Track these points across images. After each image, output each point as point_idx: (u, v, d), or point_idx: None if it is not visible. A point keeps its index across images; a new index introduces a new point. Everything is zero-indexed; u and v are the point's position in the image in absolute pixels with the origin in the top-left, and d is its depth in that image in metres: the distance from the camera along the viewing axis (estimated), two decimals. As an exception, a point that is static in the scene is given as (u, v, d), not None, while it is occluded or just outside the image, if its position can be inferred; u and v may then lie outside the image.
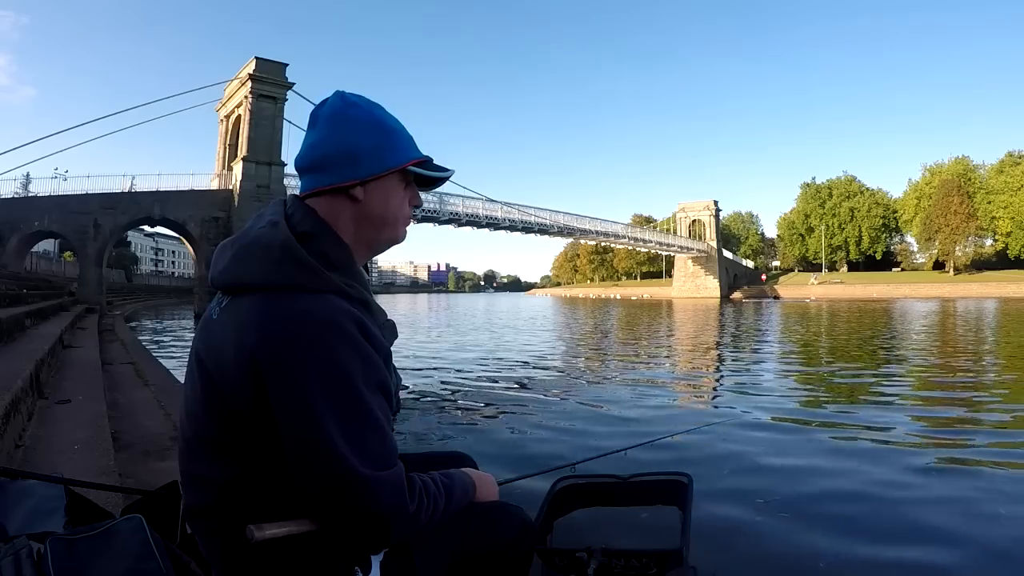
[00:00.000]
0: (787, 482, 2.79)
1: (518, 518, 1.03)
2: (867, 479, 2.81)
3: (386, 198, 0.92)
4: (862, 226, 76.91)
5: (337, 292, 0.83)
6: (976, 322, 16.36)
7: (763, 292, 66.74)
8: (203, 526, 0.86)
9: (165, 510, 1.11)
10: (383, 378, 0.83)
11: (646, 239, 62.63)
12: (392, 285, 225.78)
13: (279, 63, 30.56)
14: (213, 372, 0.81)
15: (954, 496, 2.59)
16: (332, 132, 0.89)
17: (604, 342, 11.73)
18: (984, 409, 4.58)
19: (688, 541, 1.18)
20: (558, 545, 1.21)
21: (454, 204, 39.00)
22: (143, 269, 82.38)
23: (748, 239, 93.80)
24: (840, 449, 3.41)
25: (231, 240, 0.90)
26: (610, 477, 1.48)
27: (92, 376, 4.42)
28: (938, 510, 2.42)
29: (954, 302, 36.69)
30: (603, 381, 6.34)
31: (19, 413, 2.52)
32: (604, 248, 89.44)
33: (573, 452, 3.31)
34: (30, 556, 0.80)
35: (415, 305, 40.99)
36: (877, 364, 7.48)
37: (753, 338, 12.27)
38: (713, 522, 2.24)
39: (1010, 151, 66.14)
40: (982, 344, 10.14)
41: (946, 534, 2.18)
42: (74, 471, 1.84)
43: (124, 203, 26.63)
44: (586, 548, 1.09)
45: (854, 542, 2.12)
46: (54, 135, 32.66)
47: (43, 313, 8.22)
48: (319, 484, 0.76)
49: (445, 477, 0.95)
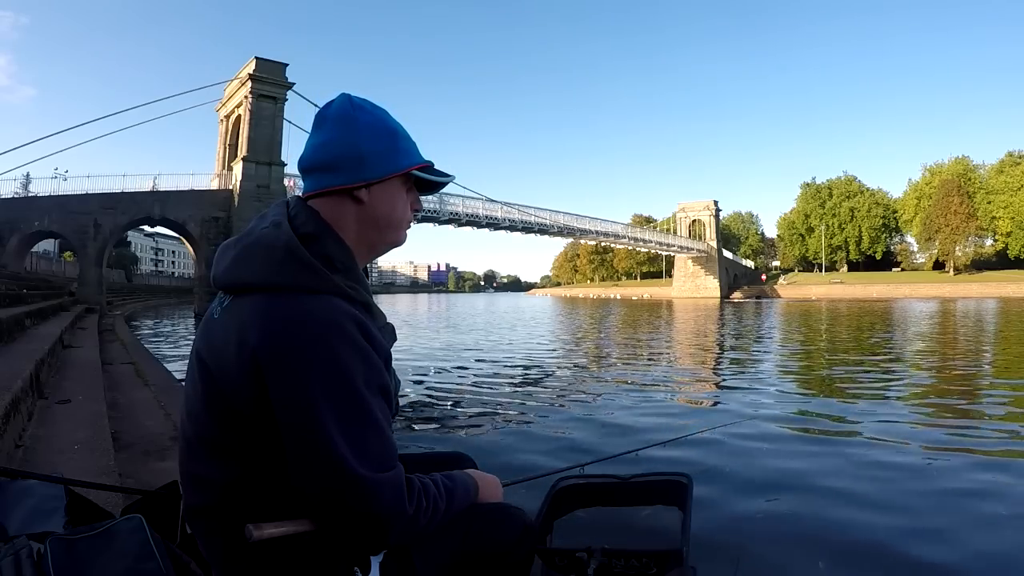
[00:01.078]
0: (788, 482, 2.79)
1: (519, 520, 1.02)
2: (869, 479, 2.81)
3: (390, 201, 0.93)
4: (862, 226, 76.93)
5: (339, 294, 0.83)
6: (976, 322, 16.36)
7: (763, 292, 66.77)
8: (203, 526, 0.86)
9: (165, 510, 1.11)
10: (384, 380, 0.83)
11: (646, 239, 62.63)
12: (392, 285, 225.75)
13: (279, 63, 30.57)
14: (214, 372, 0.81)
15: (956, 496, 2.59)
16: (339, 134, 0.90)
17: (605, 342, 11.74)
18: (986, 409, 4.58)
19: (688, 541, 1.18)
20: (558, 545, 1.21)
21: (454, 204, 39.01)
22: (143, 269, 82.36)
23: (748, 239, 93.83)
24: (841, 449, 3.40)
25: (233, 240, 0.90)
26: (610, 477, 1.48)
27: (92, 376, 4.42)
28: (940, 511, 2.42)
29: (954, 302, 36.69)
30: (604, 381, 6.34)
31: (19, 413, 2.52)
32: (604, 248, 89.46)
33: (575, 453, 3.31)
34: (30, 556, 0.80)
35: (415, 305, 40.98)
36: (879, 364, 7.48)
37: (754, 338, 12.27)
38: (713, 522, 2.24)
39: (1010, 151, 66.34)
40: (983, 344, 10.14)
41: (948, 535, 2.17)
42: (74, 471, 1.84)
43: (124, 203, 26.63)
44: (586, 548, 1.09)
45: (855, 542, 2.12)
46: (54, 135, 32.77)
47: (43, 313, 8.22)
48: (319, 484, 0.76)
49: (447, 479, 0.95)
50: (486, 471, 1.10)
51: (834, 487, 2.72)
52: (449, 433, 4.01)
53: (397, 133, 0.93)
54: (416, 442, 3.72)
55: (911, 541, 2.12)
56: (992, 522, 2.30)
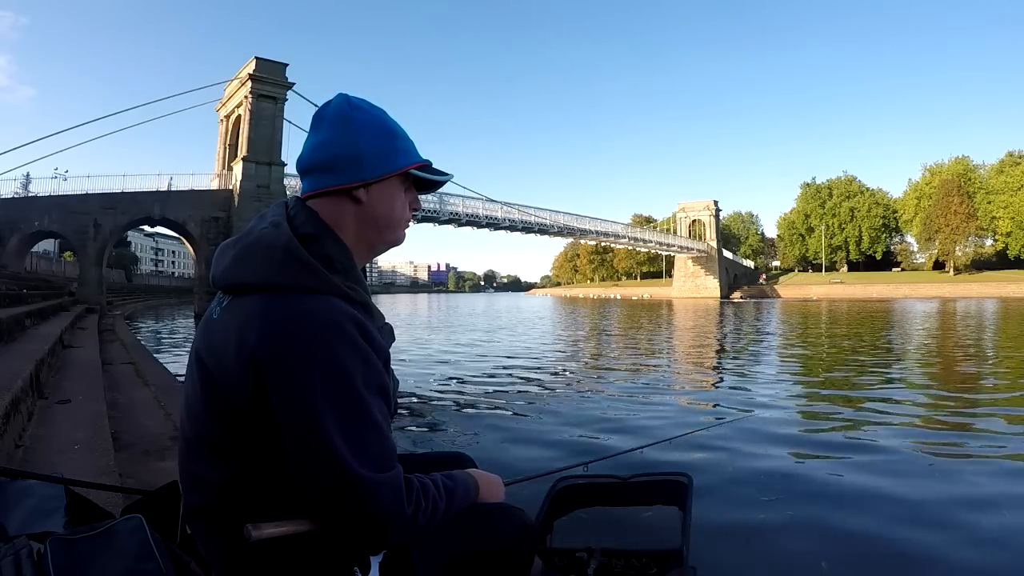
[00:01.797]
0: (788, 482, 2.79)
1: (520, 520, 1.02)
2: (870, 479, 2.81)
3: (388, 201, 0.93)
4: (862, 226, 76.91)
5: (339, 294, 0.83)
6: (977, 322, 16.36)
7: (763, 292, 66.77)
8: (203, 526, 0.86)
9: (165, 510, 1.11)
10: (383, 380, 0.83)
11: (646, 239, 62.64)
12: (392, 285, 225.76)
13: (279, 63, 30.55)
14: (214, 372, 0.81)
15: (958, 496, 2.59)
16: (337, 134, 0.90)
17: (606, 342, 11.74)
18: (988, 410, 4.58)
19: (688, 541, 1.18)
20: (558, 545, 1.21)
21: (454, 204, 39.01)
22: (143, 269, 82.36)
23: (748, 239, 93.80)
24: (843, 450, 3.40)
25: (233, 240, 0.90)
26: (610, 477, 1.48)
27: (92, 376, 4.42)
28: (942, 510, 2.42)
29: (954, 302, 36.69)
30: (605, 381, 6.34)
31: (19, 413, 2.52)
32: (604, 248, 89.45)
33: (577, 453, 3.31)
34: (30, 556, 0.80)
35: (415, 305, 40.98)
36: (880, 364, 7.48)
37: (754, 339, 12.27)
38: (714, 522, 2.24)
39: (1010, 151, 66.26)
40: (983, 344, 10.14)
41: (949, 534, 2.17)
42: (74, 471, 1.84)
43: (124, 203, 26.62)
44: (586, 548, 1.09)
45: (856, 542, 2.12)
46: (54, 135, 32.77)
47: (43, 313, 8.22)
48: (318, 484, 0.76)
49: (448, 478, 0.95)
50: (487, 471, 1.10)
51: (834, 487, 2.72)
52: (449, 433, 4.01)
53: (395, 133, 0.93)
54: (416, 442, 3.72)
55: (912, 541, 2.12)
56: (993, 522, 2.30)
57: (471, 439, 3.81)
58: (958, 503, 2.50)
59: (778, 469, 2.99)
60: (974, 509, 2.42)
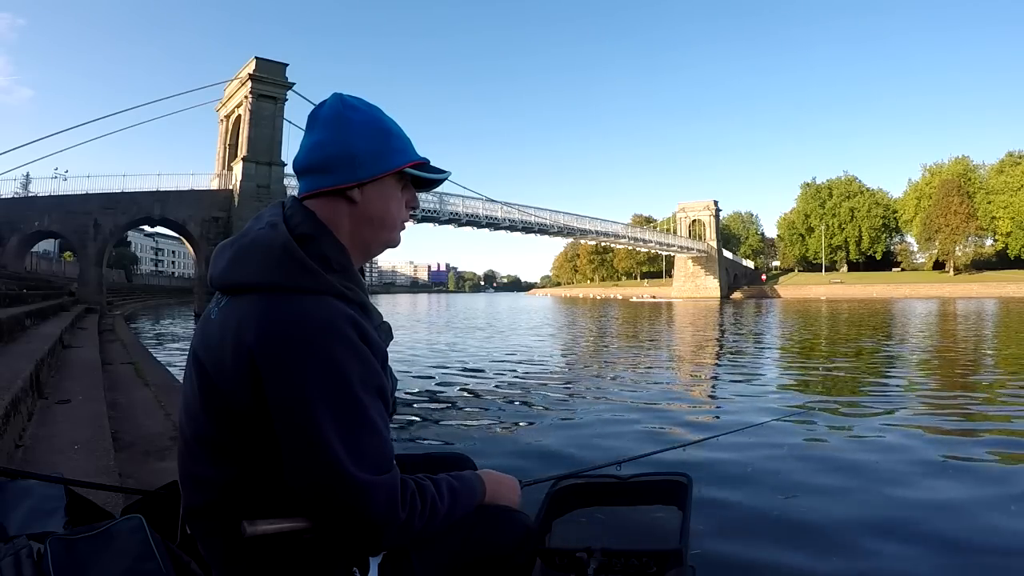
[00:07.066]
0: (789, 483, 2.79)
1: (521, 523, 1.02)
2: (871, 481, 2.81)
3: (384, 200, 0.92)
4: (862, 226, 76.90)
5: (336, 294, 0.83)
6: (976, 322, 16.36)
7: (763, 292, 66.74)
8: (202, 526, 0.86)
9: (165, 510, 1.11)
10: (380, 382, 0.83)
11: (646, 239, 62.63)
12: (392, 285, 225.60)
13: (279, 63, 30.55)
14: (212, 372, 0.81)
15: (960, 497, 2.59)
16: (331, 134, 0.89)
17: (606, 342, 11.73)
18: (990, 410, 4.58)
19: (688, 541, 1.17)
20: (558, 545, 1.21)
21: (454, 204, 39.00)
22: (143, 269, 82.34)
23: (748, 239, 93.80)
24: (842, 450, 3.40)
25: (230, 241, 0.90)
26: (610, 477, 1.47)
27: (92, 376, 4.42)
28: (944, 512, 2.42)
29: (954, 302, 36.67)
30: (605, 381, 6.34)
31: (19, 413, 2.52)
32: (604, 248, 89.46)
33: (579, 453, 3.30)
34: (30, 556, 0.80)
35: (415, 305, 40.96)
36: (880, 364, 7.48)
37: (755, 339, 12.27)
38: (713, 522, 2.23)
39: (1010, 151, 66.27)
40: (983, 344, 10.13)
41: (951, 535, 2.17)
42: (74, 471, 1.84)
43: (124, 203, 26.61)
44: (586, 548, 1.08)
45: (856, 543, 2.12)
46: (54, 135, 32.59)
47: (43, 313, 8.22)
48: (312, 484, 0.76)
49: (455, 479, 0.94)
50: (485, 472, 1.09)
51: (835, 487, 2.72)
52: (449, 433, 4.01)
53: (390, 131, 0.92)
54: (416, 442, 3.72)
55: (913, 541, 2.12)
56: (994, 523, 2.30)
57: (471, 439, 3.80)
58: (962, 505, 2.49)
59: (779, 469, 2.99)
60: (977, 511, 2.42)
